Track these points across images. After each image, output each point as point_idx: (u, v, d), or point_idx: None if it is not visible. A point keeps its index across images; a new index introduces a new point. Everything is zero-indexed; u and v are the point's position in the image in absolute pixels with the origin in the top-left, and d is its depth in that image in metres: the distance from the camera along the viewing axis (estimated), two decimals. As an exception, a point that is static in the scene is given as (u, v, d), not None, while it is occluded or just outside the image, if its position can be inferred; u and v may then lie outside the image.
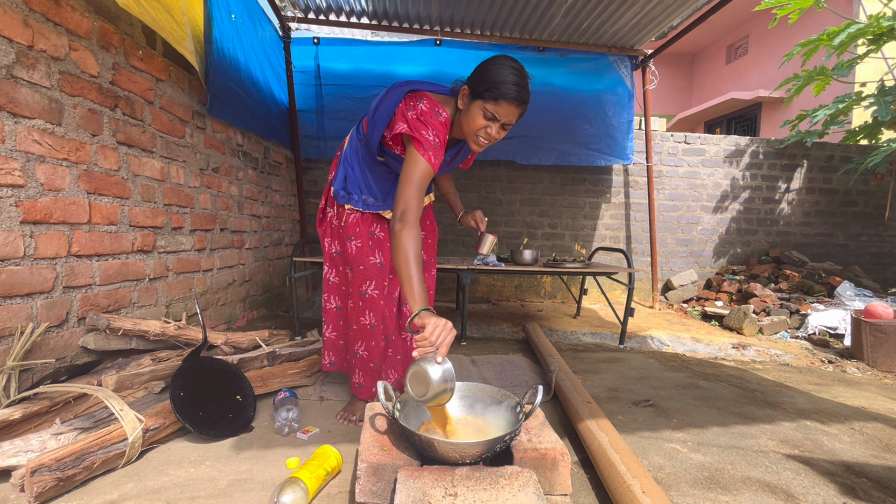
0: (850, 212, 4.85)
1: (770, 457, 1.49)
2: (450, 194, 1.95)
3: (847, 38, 3.47)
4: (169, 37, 2.07)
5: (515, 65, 1.40)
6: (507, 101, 1.37)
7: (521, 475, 1.01)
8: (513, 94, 1.37)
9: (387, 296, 1.69)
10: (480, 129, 1.42)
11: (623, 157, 4.20)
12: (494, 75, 1.37)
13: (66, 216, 1.65)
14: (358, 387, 1.71)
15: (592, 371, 2.42)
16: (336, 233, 1.74)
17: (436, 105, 1.46)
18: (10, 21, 1.43)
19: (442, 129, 1.45)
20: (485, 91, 1.38)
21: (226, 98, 2.65)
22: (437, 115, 1.45)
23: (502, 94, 1.36)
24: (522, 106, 1.41)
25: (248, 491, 1.21)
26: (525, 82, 1.40)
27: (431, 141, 1.41)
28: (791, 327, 3.53)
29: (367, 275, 1.66)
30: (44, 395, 1.42)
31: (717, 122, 9.93)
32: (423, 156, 1.39)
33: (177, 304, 2.31)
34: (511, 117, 1.41)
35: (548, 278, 4.60)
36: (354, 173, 1.70)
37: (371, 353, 1.68)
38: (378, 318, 1.67)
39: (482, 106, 1.39)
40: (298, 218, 4.18)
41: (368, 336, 1.67)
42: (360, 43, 3.92)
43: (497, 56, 1.42)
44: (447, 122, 1.47)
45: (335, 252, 1.76)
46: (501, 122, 1.41)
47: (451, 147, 1.63)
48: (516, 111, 1.41)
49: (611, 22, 3.57)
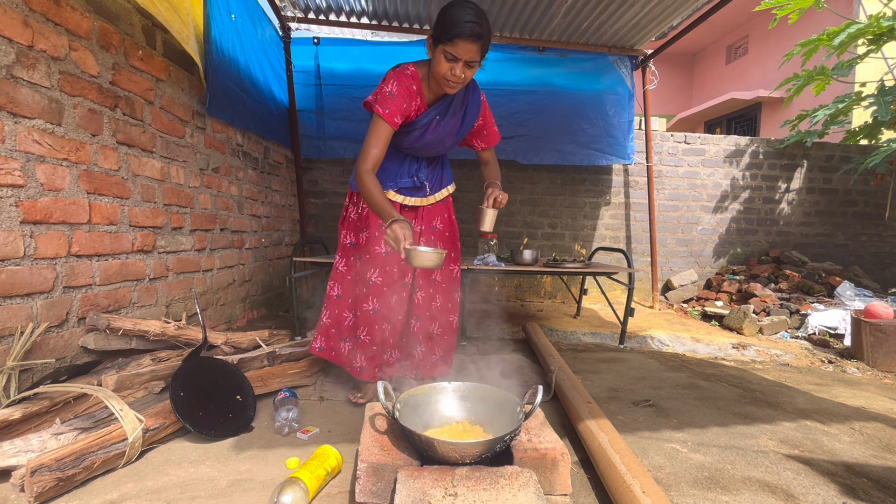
0: (850, 212, 4.85)
1: (770, 457, 1.49)
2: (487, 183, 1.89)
3: (847, 38, 3.47)
4: (178, 36, 2.11)
5: (469, 4, 1.49)
6: (463, 38, 1.47)
7: (521, 475, 1.01)
8: (467, 31, 1.46)
9: (392, 283, 1.76)
10: (446, 71, 1.53)
11: (624, 156, 4.20)
12: (449, 17, 1.48)
13: (66, 216, 1.65)
14: (360, 370, 1.79)
15: (592, 371, 2.42)
16: (353, 225, 1.85)
17: (405, 65, 1.64)
18: (10, 21, 1.43)
19: (405, 79, 1.61)
20: (442, 35, 1.50)
21: (225, 98, 2.65)
22: (403, 70, 1.62)
23: (457, 33, 1.46)
24: (479, 41, 1.49)
25: (248, 491, 1.21)
26: (480, 19, 1.48)
27: (388, 92, 1.58)
28: (791, 327, 3.53)
29: (373, 263, 1.74)
30: (44, 395, 1.42)
31: (717, 122, 9.94)
32: (376, 111, 1.57)
33: (177, 304, 2.31)
34: (472, 54, 1.51)
35: (548, 278, 4.60)
36: None
37: (373, 337, 1.76)
38: (381, 304, 1.75)
39: (443, 49, 1.51)
40: (298, 218, 4.18)
41: (371, 321, 1.75)
42: (360, 43, 3.92)
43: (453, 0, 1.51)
44: (415, 73, 1.63)
45: (349, 243, 1.86)
46: (463, 60, 1.51)
47: (437, 103, 1.71)
48: (474, 47, 1.50)
49: (611, 22, 3.57)
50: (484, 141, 1.90)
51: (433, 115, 1.70)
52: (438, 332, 1.87)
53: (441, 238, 1.88)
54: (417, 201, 1.83)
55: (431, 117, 1.70)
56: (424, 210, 1.85)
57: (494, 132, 1.91)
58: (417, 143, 1.74)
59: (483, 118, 1.85)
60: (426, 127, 1.71)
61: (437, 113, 1.70)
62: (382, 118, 1.56)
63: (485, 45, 1.51)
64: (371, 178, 1.54)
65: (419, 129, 1.70)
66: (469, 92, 1.75)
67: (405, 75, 1.61)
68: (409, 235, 1.38)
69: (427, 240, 1.85)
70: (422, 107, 1.67)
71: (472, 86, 1.76)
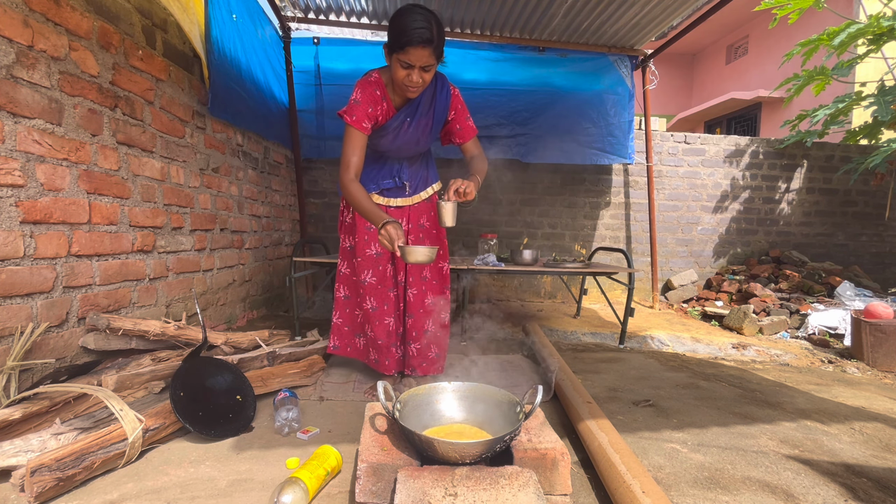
0: (850, 212, 4.85)
1: (770, 457, 1.49)
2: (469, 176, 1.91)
3: (847, 38, 3.47)
4: (189, 35, 2.16)
5: (417, 8, 1.50)
6: (413, 45, 1.49)
7: (521, 475, 1.01)
8: (416, 37, 1.47)
9: (385, 281, 1.85)
10: (403, 78, 1.57)
11: (625, 155, 4.20)
12: (398, 25, 1.50)
13: (66, 216, 1.65)
14: (375, 362, 1.92)
15: (592, 371, 2.42)
16: (349, 229, 1.92)
17: (369, 73, 1.69)
18: (10, 21, 1.43)
19: (369, 86, 1.65)
20: (394, 44, 1.53)
21: (226, 98, 2.65)
22: (367, 78, 1.67)
23: (407, 41, 1.48)
24: (430, 45, 1.50)
25: (248, 491, 1.21)
26: (428, 23, 1.49)
27: (353, 100, 1.64)
28: (791, 327, 3.53)
29: (365, 265, 1.83)
30: (44, 395, 1.42)
31: (717, 122, 9.93)
32: (347, 121, 1.62)
33: (177, 304, 2.31)
34: (425, 59, 1.53)
35: (548, 278, 4.60)
36: None
37: (376, 332, 1.85)
38: (379, 301, 1.84)
39: (397, 58, 1.54)
40: (298, 218, 4.18)
41: (372, 318, 1.84)
42: (360, 43, 3.92)
43: (402, 7, 1.53)
44: (378, 80, 1.67)
45: (348, 247, 1.93)
46: (417, 66, 1.53)
47: (405, 107, 1.74)
48: (425, 52, 1.51)
49: (611, 22, 3.57)
50: (458, 136, 1.86)
51: (403, 117, 1.74)
52: (432, 328, 1.92)
53: (428, 236, 1.93)
54: (402, 202, 1.88)
55: (401, 120, 1.73)
56: (411, 209, 1.90)
57: (468, 126, 1.85)
58: (393, 144, 1.78)
59: (454, 111, 1.81)
60: (398, 129, 1.75)
61: (406, 115, 1.74)
62: (352, 125, 1.62)
63: (437, 48, 1.53)
64: (355, 185, 1.59)
65: (391, 132, 1.74)
66: (437, 90, 1.76)
67: (369, 83, 1.66)
68: (401, 235, 1.45)
69: (415, 238, 1.90)
70: (390, 111, 1.71)
71: (441, 82, 1.76)
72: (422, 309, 1.89)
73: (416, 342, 1.90)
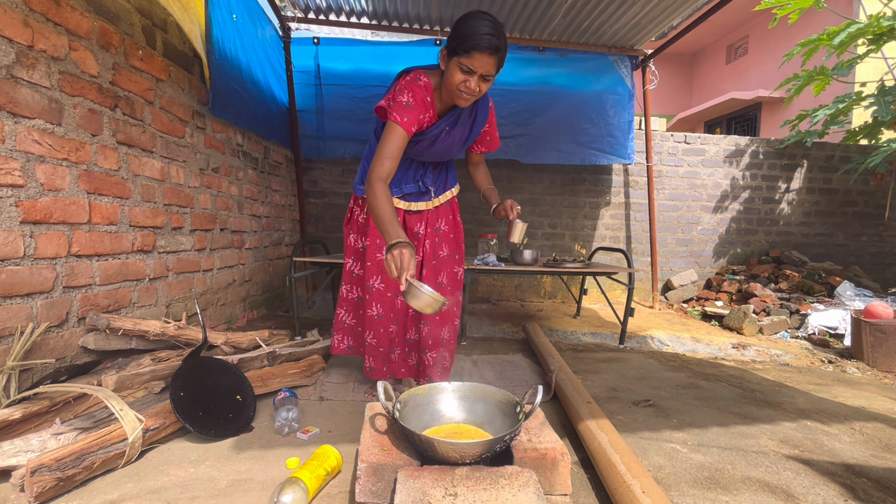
0: (850, 212, 4.85)
1: (770, 457, 1.49)
2: (486, 189, 1.97)
3: (847, 37, 3.47)
4: (189, 35, 2.14)
5: (487, 15, 1.44)
6: (480, 51, 1.42)
7: (521, 475, 1.01)
8: (485, 43, 1.41)
9: (396, 287, 1.79)
10: (460, 83, 1.49)
11: (624, 156, 4.20)
12: (466, 29, 1.43)
13: (66, 216, 1.65)
14: (370, 370, 1.87)
15: (592, 371, 2.42)
16: (362, 228, 1.86)
17: (418, 73, 1.57)
18: (10, 21, 1.43)
19: (420, 90, 1.54)
20: (458, 46, 1.44)
21: (227, 98, 2.65)
22: (416, 80, 1.56)
23: (474, 45, 1.41)
24: (497, 54, 1.45)
25: (248, 491, 1.21)
26: (497, 31, 1.43)
27: (404, 102, 1.51)
28: (791, 327, 3.53)
29: (374, 270, 1.77)
30: (44, 395, 1.42)
31: (717, 122, 9.93)
32: (393, 119, 1.49)
33: (177, 304, 2.31)
34: (488, 67, 1.46)
35: (548, 278, 4.60)
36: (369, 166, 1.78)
37: (379, 340, 1.82)
38: (385, 309, 1.79)
39: (458, 62, 1.46)
40: (298, 218, 4.18)
41: (376, 325, 1.80)
42: (360, 43, 3.92)
43: (470, 11, 1.47)
44: (428, 84, 1.57)
45: (361, 247, 1.87)
46: (479, 73, 1.46)
47: (447, 114, 1.68)
48: (490, 60, 1.45)
49: (611, 22, 3.57)
50: (485, 146, 1.90)
51: (443, 126, 1.68)
52: (447, 336, 1.87)
53: (445, 240, 1.88)
54: (423, 206, 1.83)
55: (441, 128, 1.68)
56: (429, 213, 1.86)
57: (496, 137, 1.90)
58: (426, 151, 1.73)
59: (489, 125, 1.84)
60: (435, 137, 1.69)
61: (447, 124, 1.68)
62: (401, 126, 1.50)
63: (501, 59, 1.47)
64: (384, 187, 1.44)
65: (428, 139, 1.68)
66: (479, 101, 1.72)
67: (419, 87, 1.55)
68: (413, 265, 1.27)
69: (431, 242, 1.84)
70: (433, 118, 1.64)
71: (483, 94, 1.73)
72: (438, 316, 1.83)
73: (433, 350, 1.84)
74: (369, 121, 4.03)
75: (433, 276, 1.83)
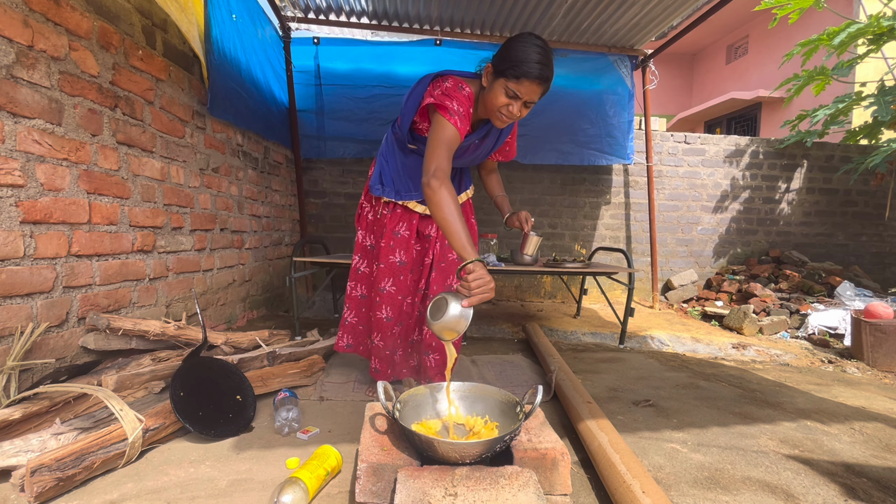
0: (850, 212, 4.85)
1: (770, 457, 1.49)
2: (498, 197, 1.98)
3: (847, 37, 3.47)
4: (187, 35, 2.14)
5: (539, 42, 1.40)
6: (529, 79, 1.38)
7: (521, 475, 1.01)
8: (535, 72, 1.37)
9: (406, 290, 1.78)
10: (502, 106, 1.45)
11: (624, 156, 4.20)
12: (518, 53, 1.38)
13: (66, 216, 1.65)
14: (375, 371, 1.86)
15: (592, 371, 2.42)
16: (371, 227, 1.84)
17: (459, 82, 1.51)
18: (10, 21, 1.43)
19: (465, 101, 1.48)
20: (507, 69, 1.39)
21: (226, 98, 2.65)
22: (460, 89, 1.49)
23: (524, 72, 1.37)
24: (545, 84, 1.42)
25: (248, 491, 1.21)
26: (548, 60, 1.40)
27: (456, 109, 1.44)
28: (791, 327, 3.53)
29: (387, 272, 1.76)
30: (44, 395, 1.42)
31: (717, 122, 9.93)
32: (450, 120, 1.42)
33: (177, 304, 2.31)
34: (533, 96, 1.42)
35: (548, 278, 4.60)
36: (389, 165, 1.78)
37: (385, 342, 1.81)
38: (394, 312, 1.78)
39: (504, 84, 1.41)
40: (298, 218, 4.18)
41: (384, 328, 1.79)
42: (360, 43, 3.92)
43: (523, 34, 1.44)
44: (470, 95, 1.50)
45: (369, 245, 1.86)
46: (523, 99, 1.43)
47: (479, 128, 1.66)
48: (538, 89, 1.42)
49: (611, 22, 3.57)
50: (503, 155, 1.89)
51: (474, 138, 1.65)
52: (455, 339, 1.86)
53: None
54: None
55: (472, 140, 1.66)
56: None
57: (514, 147, 1.89)
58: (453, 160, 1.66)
59: (511, 135, 1.83)
60: (465, 149, 1.67)
61: (477, 137, 1.66)
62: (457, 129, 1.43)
63: (547, 88, 1.44)
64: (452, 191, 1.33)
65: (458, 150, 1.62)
66: None
67: (464, 96, 1.48)
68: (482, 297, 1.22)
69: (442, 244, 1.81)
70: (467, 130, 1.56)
71: None
72: None
73: (436, 353, 1.84)
74: (370, 121, 4.03)
75: (442, 278, 1.81)
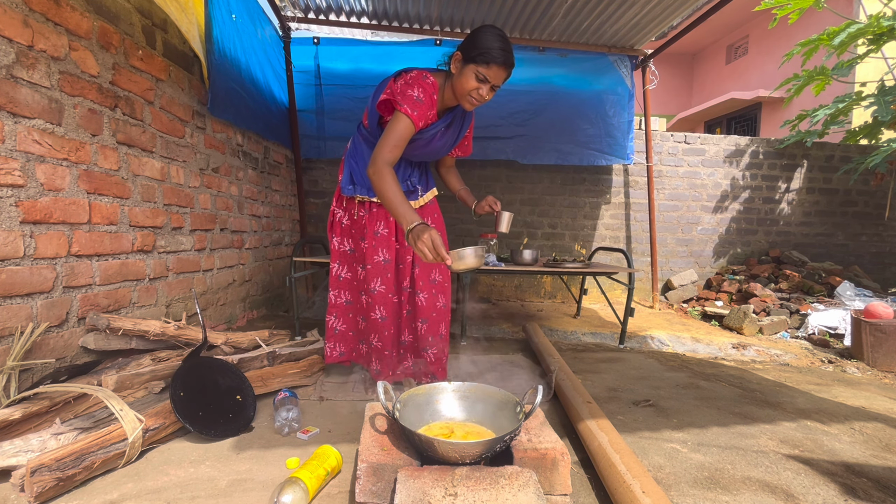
0: (850, 212, 4.85)
1: (770, 457, 1.49)
2: (461, 191, 2.06)
3: (847, 38, 3.47)
4: (187, 35, 2.14)
5: (501, 33, 1.56)
6: (497, 64, 1.52)
7: (521, 475, 1.01)
8: (502, 58, 1.52)
9: (395, 288, 1.83)
10: (473, 90, 1.56)
11: (623, 156, 4.20)
12: (486, 42, 1.52)
13: (66, 216, 1.65)
14: (376, 373, 1.90)
15: (592, 371, 2.42)
16: (347, 231, 1.89)
17: (423, 72, 1.63)
18: (10, 21, 1.43)
19: (430, 88, 1.59)
20: (477, 55, 1.53)
21: (227, 98, 2.65)
22: (424, 78, 1.60)
23: (493, 57, 1.51)
24: (509, 69, 1.57)
25: (248, 491, 1.21)
26: (511, 49, 1.55)
27: (415, 97, 1.56)
28: (791, 327, 3.53)
29: (374, 273, 1.80)
30: (44, 395, 1.42)
31: (717, 122, 9.93)
32: (403, 111, 1.53)
33: (177, 304, 2.31)
34: (499, 80, 1.57)
35: (548, 278, 4.60)
36: (359, 165, 1.83)
37: (384, 342, 1.84)
38: (388, 311, 1.82)
39: (475, 69, 1.54)
40: (298, 218, 4.18)
41: (381, 328, 1.83)
42: (360, 43, 3.92)
43: (486, 25, 1.57)
44: (434, 84, 1.61)
45: (348, 250, 1.90)
46: (491, 83, 1.56)
47: (444, 115, 1.75)
48: (503, 74, 1.56)
49: (611, 22, 3.57)
50: (462, 150, 2.00)
51: (440, 126, 1.74)
52: (444, 331, 1.90)
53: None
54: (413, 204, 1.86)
55: (438, 128, 1.74)
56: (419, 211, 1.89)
57: (471, 143, 2.01)
58: (421, 150, 1.78)
59: (469, 130, 1.93)
60: (431, 138, 1.75)
61: (444, 124, 1.75)
62: (410, 119, 1.53)
63: (510, 74, 1.59)
64: (392, 171, 1.45)
65: (426, 138, 1.73)
66: None
67: (428, 84, 1.59)
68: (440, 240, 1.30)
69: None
70: (433, 118, 1.69)
71: None
72: (434, 312, 1.86)
73: (433, 347, 1.87)
74: (369, 121, 4.03)
75: (426, 272, 1.87)
